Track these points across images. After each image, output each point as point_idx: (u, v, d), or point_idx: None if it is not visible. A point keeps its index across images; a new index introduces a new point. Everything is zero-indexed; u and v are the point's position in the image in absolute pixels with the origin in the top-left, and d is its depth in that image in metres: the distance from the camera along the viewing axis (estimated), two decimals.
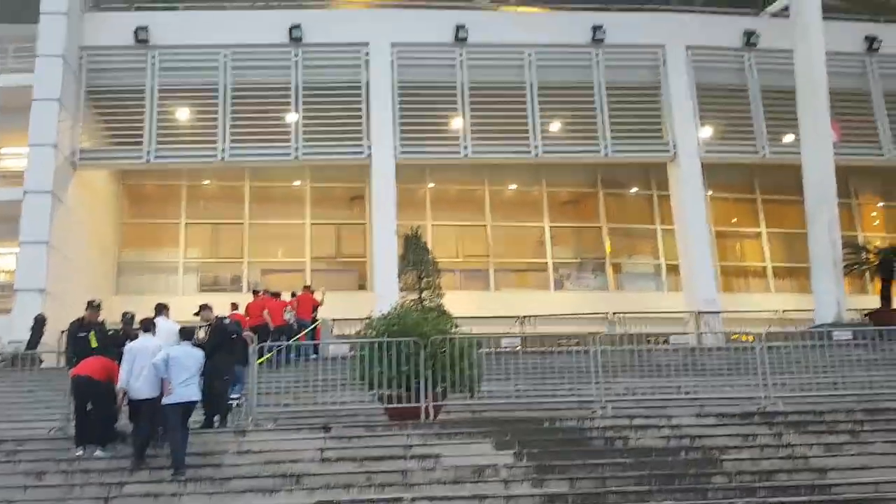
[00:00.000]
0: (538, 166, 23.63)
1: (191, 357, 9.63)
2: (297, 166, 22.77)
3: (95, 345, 11.75)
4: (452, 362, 10.98)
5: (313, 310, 18.02)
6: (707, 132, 23.03)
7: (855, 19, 24.42)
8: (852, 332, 15.20)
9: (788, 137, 22.37)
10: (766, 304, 22.65)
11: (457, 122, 22.30)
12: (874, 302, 20.50)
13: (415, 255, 18.47)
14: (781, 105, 22.01)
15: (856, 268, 21.11)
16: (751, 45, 23.07)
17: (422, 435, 10.08)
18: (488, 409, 11.70)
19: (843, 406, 11.27)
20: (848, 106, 22.84)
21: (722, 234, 24.80)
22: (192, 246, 23.98)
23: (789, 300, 22.62)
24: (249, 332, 12.49)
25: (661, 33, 23.03)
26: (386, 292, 18.72)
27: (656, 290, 24.53)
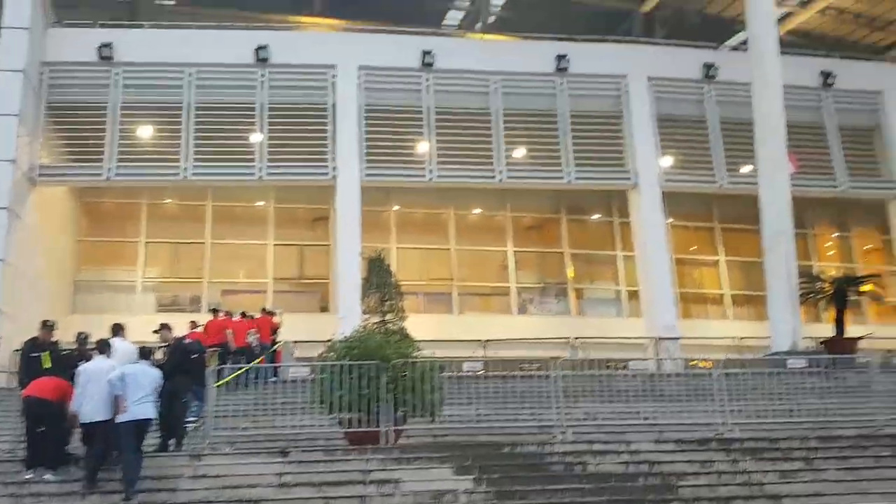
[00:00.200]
0: (503, 191, 23.81)
1: (147, 376, 9.50)
2: (260, 186, 22.63)
3: (48, 365, 11.43)
4: (414, 386, 10.96)
5: (272, 332, 17.86)
6: (668, 161, 23.45)
7: (811, 55, 25.20)
8: (807, 360, 15.42)
9: (746, 168, 22.85)
10: (724, 330, 22.91)
11: (422, 146, 22.42)
12: (829, 330, 20.89)
13: (378, 278, 18.29)
14: (740, 136, 22.49)
15: (811, 297, 21.45)
16: (710, 77, 23.63)
17: (381, 460, 10.02)
18: (449, 433, 11.67)
19: (798, 433, 11.44)
20: (804, 139, 23.43)
21: (681, 262, 25.12)
22: (152, 265, 23.58)
23: (747, 327, 23.00)
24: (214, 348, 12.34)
25: (624, 64, 23.51)
26: (349, 315, 18.56)
27: (617, 315, 24.72)
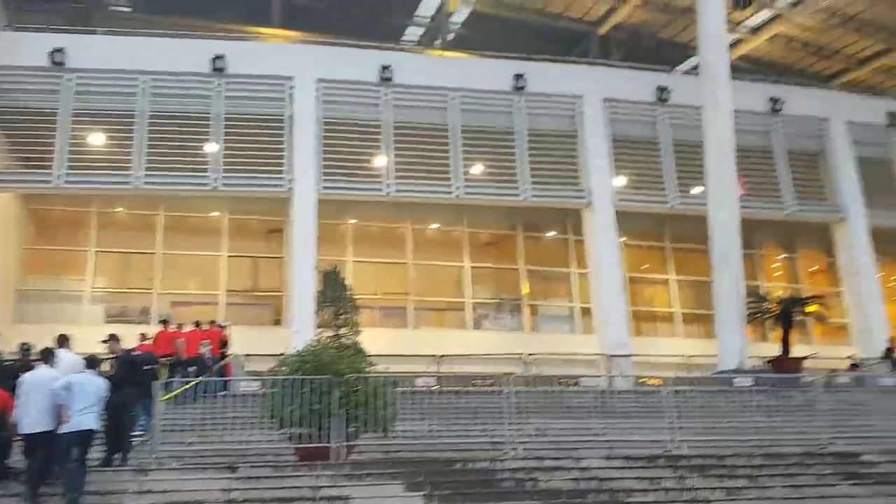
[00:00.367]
0: (460, 207, 23.90)
1: (93, 385, 9.30)
2: (214, 197, 22.35)
3: None
4: (366, 401, 10.88)
5: (222, 346, 17.62)
6: (621, 181, 23.82)
7: (761, 80, 25.92)
8: (754, 379, 15.68)
9: (697, 189, 23.31)
10: (674, 348, 23.20)
11: (380, 160, 22.41)
12: (775, 349, 21.34)
13: (333, 292, 18.23)
14: (691, 158, 23.02)
15: (758, 316, 21.90)
16: (663, 100, 24.16)
17: (332, 476, 9.92)
18: (401, 449, 11.60)
19: (744, 451, 11.65)
20: (753, 162, 24.07)
21: (634, 280, 25.46)
22: (101, 275, 23.03)
23: (696, 345, 23.30)
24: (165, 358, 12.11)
25: (580, 84, 23.92)
26: (303, 328, 18.42)
27: (570, 332, 24.87)
